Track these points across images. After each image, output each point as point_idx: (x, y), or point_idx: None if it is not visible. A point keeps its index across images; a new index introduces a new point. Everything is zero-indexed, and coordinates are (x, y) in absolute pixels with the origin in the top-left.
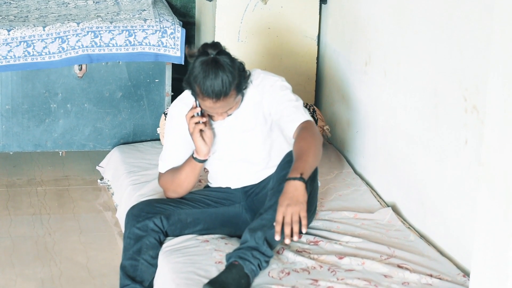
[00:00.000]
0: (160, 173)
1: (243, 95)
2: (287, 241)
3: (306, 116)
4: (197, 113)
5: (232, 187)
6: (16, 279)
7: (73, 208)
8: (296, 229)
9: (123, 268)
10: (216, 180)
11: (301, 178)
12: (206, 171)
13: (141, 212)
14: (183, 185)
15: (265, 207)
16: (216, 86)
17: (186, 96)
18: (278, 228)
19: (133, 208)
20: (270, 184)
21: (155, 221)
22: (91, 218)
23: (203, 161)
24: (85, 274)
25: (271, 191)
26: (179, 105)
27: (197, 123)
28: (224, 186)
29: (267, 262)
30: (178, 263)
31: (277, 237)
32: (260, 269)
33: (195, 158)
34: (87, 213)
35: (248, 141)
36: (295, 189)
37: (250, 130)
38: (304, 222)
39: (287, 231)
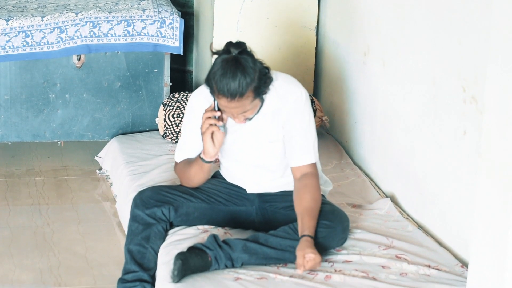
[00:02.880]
0: (176, 161)
1: (262, 100)
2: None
3: (312, 156)
4: (215, 116)
5: (248, 191)
6: (15, 269)
7: (71, 199)
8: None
9: (130, 252)
10: (232, 179)
11: (313, 239)
12: (218, 163)
13: (150, 200)
14: (193, 180)
15: (272, 241)
16: (232, 85)
17: (205, 88)
18: (302, 270)
19: (141, 193)
20: (284, 213)
21: (163, 211)
22: (89, 208)
23: (211, 161)
24: (83, 264)
25: (282, 229)
26: (199, 97)
27: (211, 124)
28: (239, 185)
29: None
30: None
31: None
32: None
33: (201, 158)
34: (86, 203)
35: (271, 151)
36: (313, 245)
37: (275, 141)
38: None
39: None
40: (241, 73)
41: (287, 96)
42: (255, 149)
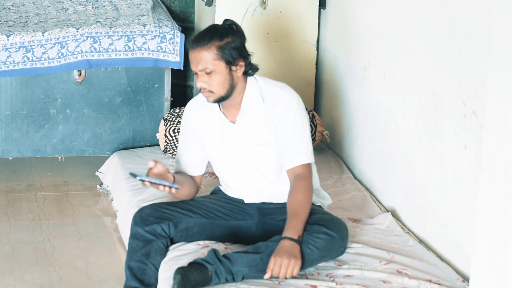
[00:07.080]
0: None
1: (232, 79)
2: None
3: (304, 157)
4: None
5: (246, 201)
6: (16, 284)
7: (72, 214)
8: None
9: (130, 269)
10: (229, 190)
11: (298, 241)
12: (215, 178)
13: (149, 217)
14: (176, 197)
15: (273, 247)
16: (200, 34)
17: (201, 96)
18: (268, 275)
19: (141, 210)
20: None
21: (163, 227)
22: (90, 223)
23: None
24: (84, 280)
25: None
26: (193, 105)
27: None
28: (237, 197)
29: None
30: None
31: (267, 276)
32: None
33: None
34: (87, 219)
35: (263, 155)
36: (293, 247)
37: (267, 144)
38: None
39: (279, 276)
40: (214, 30)
41: (278, 100)
42: (246, 153)
